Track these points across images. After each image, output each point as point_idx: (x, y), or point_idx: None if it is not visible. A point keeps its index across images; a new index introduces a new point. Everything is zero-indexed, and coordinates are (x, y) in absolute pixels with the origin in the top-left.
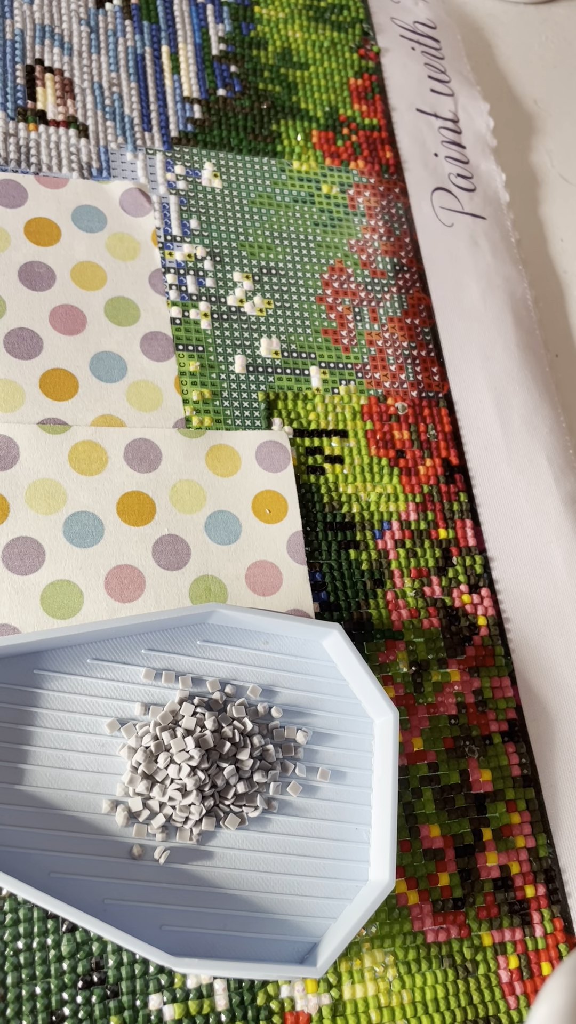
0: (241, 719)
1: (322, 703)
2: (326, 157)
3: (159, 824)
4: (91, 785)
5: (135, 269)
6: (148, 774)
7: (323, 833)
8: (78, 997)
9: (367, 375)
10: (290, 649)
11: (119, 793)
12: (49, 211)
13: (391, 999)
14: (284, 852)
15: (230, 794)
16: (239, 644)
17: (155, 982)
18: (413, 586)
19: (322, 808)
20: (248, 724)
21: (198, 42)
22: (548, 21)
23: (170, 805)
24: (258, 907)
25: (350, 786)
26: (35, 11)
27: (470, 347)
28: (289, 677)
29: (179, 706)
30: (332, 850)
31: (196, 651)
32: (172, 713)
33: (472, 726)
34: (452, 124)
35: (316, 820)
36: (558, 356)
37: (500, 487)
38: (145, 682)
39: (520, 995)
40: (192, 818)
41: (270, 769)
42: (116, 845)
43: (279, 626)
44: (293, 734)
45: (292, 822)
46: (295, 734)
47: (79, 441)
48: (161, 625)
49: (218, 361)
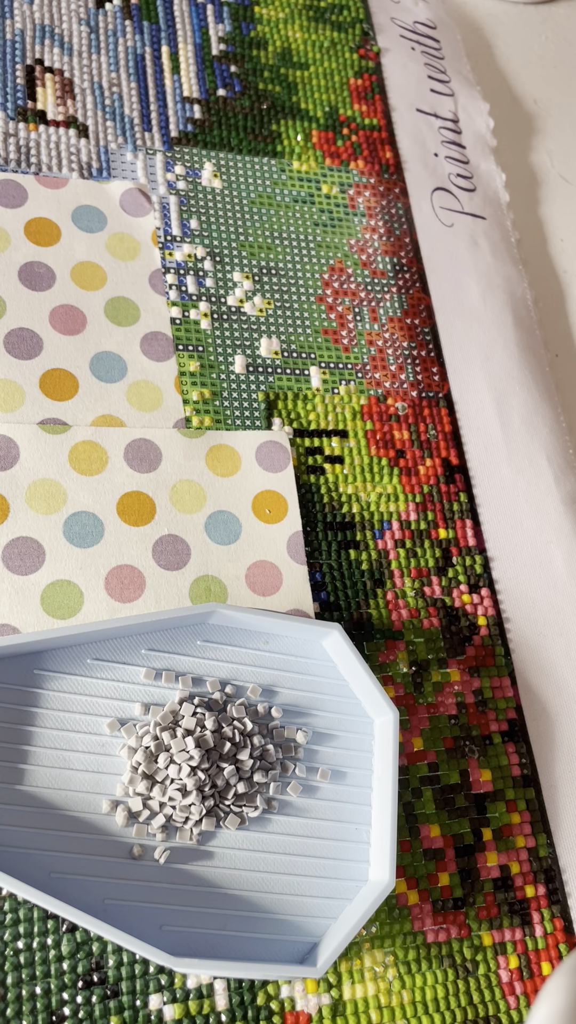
0: (241, 719)
1: (322, 703)
2: (326, 157)
3: (159, 824)
4: (91, 785)
5: (135, 269)
6: (148, 774)
7: (323, 833)
8: (78, 997)
9: (367, 375)
10: (290, 649)
11: (119, 793)
12: (49, 211)
13: (391, 999)
14: (284, 852)
15: (230, 794)
16: (239, 644)
17: (155, 982)
18: (413, 586)
19: (322, 808)
20: (248, 724)
21: (198, 42)
22: (548, 21)
23: (170, 805)
24: (258, 907)
25: (350, 786)
26: (35, 11)
27: (470, 347)
28: (289, 677)
29: (179, 706)
30: (332, 850)
31: (196, 651)
32: (172, 713)
33: (472, 726)
34: (452, 124)
35: (316, 820)
36: (558, 356)
37: (500, 487)
38: (145, 682)
39: (520, 995)
40: (192, 818)
41: (270, 769)
42: (116, 845)
43: (279, 626)
44: (293, 734)
45: (292, 822)
46: (295, 734)
47: (79, 441)
48: (161, 625)
49: (218, 361)
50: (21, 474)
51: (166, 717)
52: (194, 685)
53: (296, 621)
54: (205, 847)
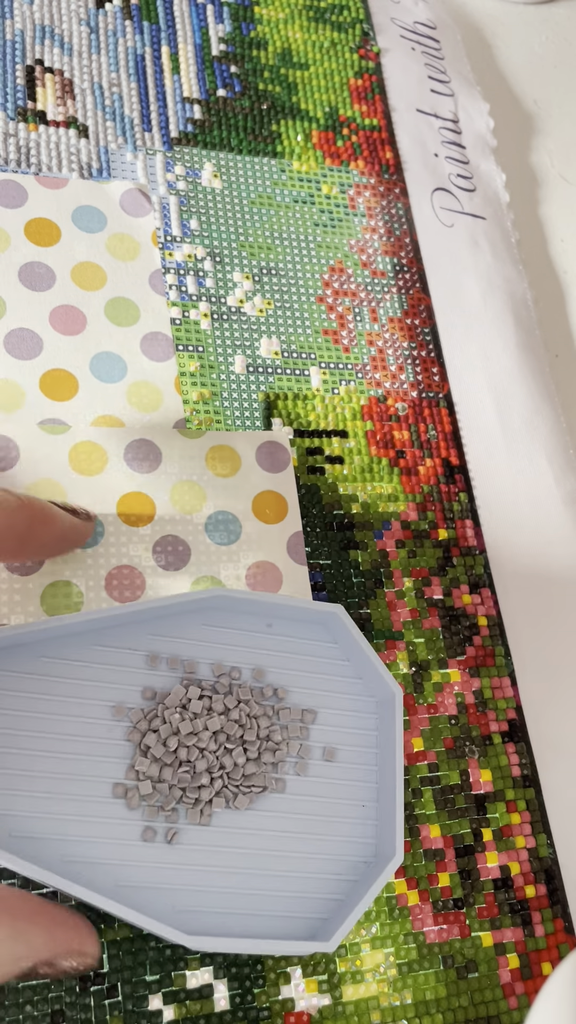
0: (247, 701)
1: (326, 684)
2: (326, 157)
3: (169, 807)
4: (100, 770)
5: (135, 269)
6: (157, 757)
7: (330, 812)
8: (77, 997)
9: (367, 375)
10: (293, 631)
11: (128, 777)
12: (49, 211)
13: (391, 999)
14: (292, 831)
15: (238, 775)
16: (242, 628)
17: (155, 982)
18: (413, 586)
19: (328, 787)
20: (255, 706)
21: (198, 42)
22: (548, 21)
23: (179, 787)
24: (268, 887)
25: (356, 764)
26: (35, 11)
27: (470, 347)
28: (293, 659)
29: (186, 689)
30: (339, 828)
31: (200, 635)
32: (179, 696)
33: (472, 726)
34: (452, 124)
35: (323, 799)
36: (558, 356)
37: (500, 487)
38: (151, 667)
39: (520, 995)
40: (202, 800)
41: (276, 750)
42: (127, 828)
43: (281, 609)
44: (298, 715)
45: (299, 801)
46: (300, 715)
47: (79, 441)
48: (165, 611)
49: (218, 361)
50: (21, 474)
51: (173, 700)
52: (199, 669)
53: (298, 603)
54: (214, 828)
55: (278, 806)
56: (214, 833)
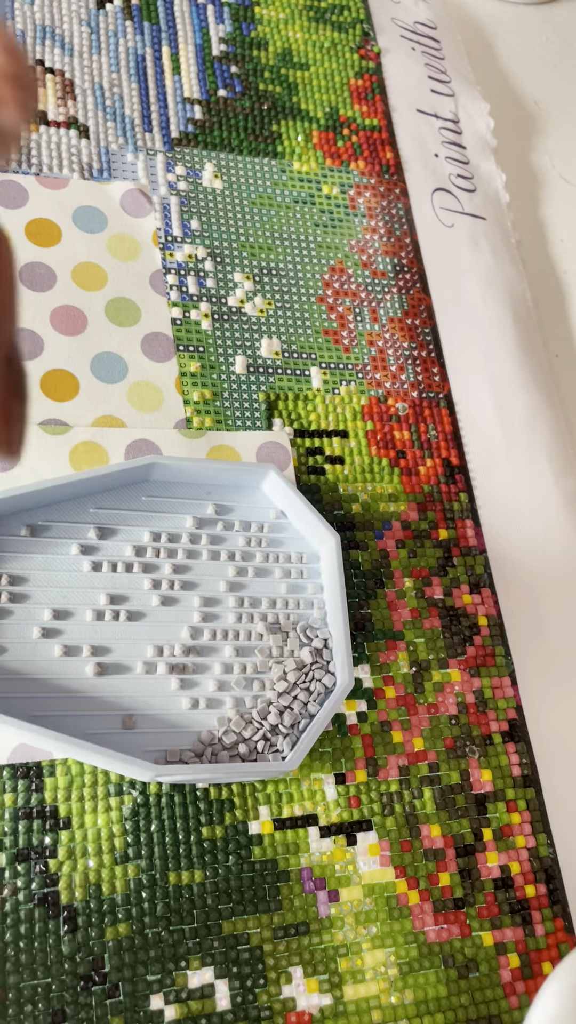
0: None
1: (268, 542)
2: (326, 158)
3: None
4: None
5: (136, 270)
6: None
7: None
8: (79, 997)
9: (367, 376)
10: (231, 497)
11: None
12: (50, 212)
13: (391, 999)
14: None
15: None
16: (183, 496)
17: (156, 982)
18: (414, 586)
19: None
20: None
21: (199, 43)
22: (548, 21)
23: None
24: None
25: (304, 611)
26: (36, 12)
27: (470, 347)
28: (233, 522)
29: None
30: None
31: (142, 506)
32: (298, 661)
33: (472, 726)
34: (452, 124)
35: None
36: (558, 356)
37: (500, 487)
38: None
39: (520, 995)
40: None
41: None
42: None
43: (217, 473)
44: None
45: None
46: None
47: (80, 442)
48: (105, 482)
49: (219, 362)
50: (21, 474)
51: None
52: (142, 536)
53: (233, 465)
54: (182, 677)
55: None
56: (183, 682)
